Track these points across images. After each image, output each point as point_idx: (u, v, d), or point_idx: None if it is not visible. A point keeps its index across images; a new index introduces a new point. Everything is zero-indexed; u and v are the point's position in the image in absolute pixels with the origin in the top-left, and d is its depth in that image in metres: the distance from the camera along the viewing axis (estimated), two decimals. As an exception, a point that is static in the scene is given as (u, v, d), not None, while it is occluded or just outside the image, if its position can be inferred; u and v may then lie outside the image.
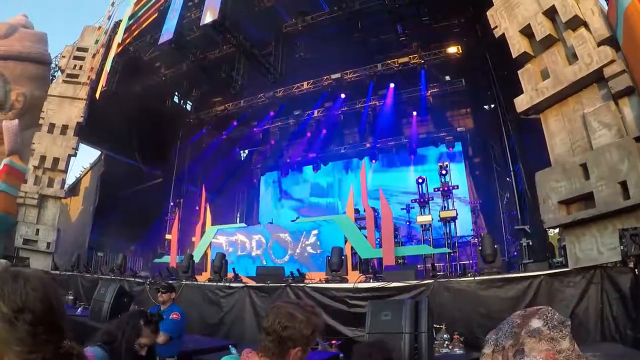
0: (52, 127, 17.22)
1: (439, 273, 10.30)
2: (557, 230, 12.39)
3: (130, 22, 18.59)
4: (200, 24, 17.41)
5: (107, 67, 17.84)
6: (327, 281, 9.92)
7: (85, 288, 13.13)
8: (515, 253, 17.68)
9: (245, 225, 19.51)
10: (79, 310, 11.16)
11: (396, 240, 16.91)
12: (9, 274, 1.31)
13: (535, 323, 1.55)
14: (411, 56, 20.89)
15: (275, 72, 21.28)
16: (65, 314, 1.44)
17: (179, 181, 27.00)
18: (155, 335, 3.77)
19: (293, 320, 2.32)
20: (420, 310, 5.52)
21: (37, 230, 16.31)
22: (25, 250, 15.95)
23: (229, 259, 13.22)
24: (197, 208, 22.40)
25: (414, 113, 23.96)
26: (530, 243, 15.54)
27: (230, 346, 5.50)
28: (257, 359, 2.32)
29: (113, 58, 18.06)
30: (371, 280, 9.73)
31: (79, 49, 18.89)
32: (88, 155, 21.89)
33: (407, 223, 21.65)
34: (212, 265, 12.25)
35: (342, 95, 23.85)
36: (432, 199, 19.19)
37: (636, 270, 6.25)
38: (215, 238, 17.68)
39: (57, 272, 14.93)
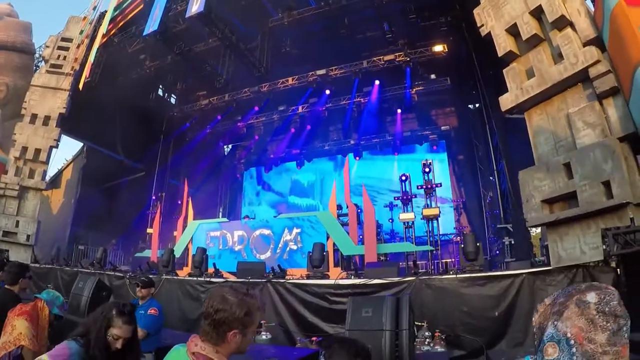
0: (34, 117, 17.01)
1: (420, 270, 10.31)
2: (539, 229, 12.49)
3: (116, 13, 18.49)
4: (186, 16, 17.35)
5: (91, 58, 17.71)
6: (308, 277, 9.87)
7: (64, 281, 12.96)
8: (498, 252, 17.76)
9: (228, 220, 19.40)
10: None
11: (378, 237, 16.93)
12: None
13: (591, 297, 1.48)
14: (397, 54, 20.91)
15: (260, 67, 21.22)
16: None
17: (161, 175, 26.85)
18: (129, 327, 3.69)
19: (225, 302, 2.32)
20: (401, 307, 5.49)
21: (17, 222, 16.11)
22: (5, 243, 15.72)
23: (210, 253, 13.15)
24: (179, 202, 22.34)
25: (399, 111, 23.97)
26: (513, 242, 15.64)
27: None
28: (200, 343, 2.31)
29: (97, 49, 17.92)
30: (353, 277, 9.71)
31: (63, 39, 18.71)
32: (70, 147, 21.79)
33: (390, 220, 21.65)
34: (192, 260, 12.19)
35: (327, 92, 23.78)
36: (415, 197, 19.23)
37: (618, 269, 6.27)
38: (197, 233, 17.61)
39: (37, 265, 14.75)
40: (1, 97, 18.34)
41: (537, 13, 7.71)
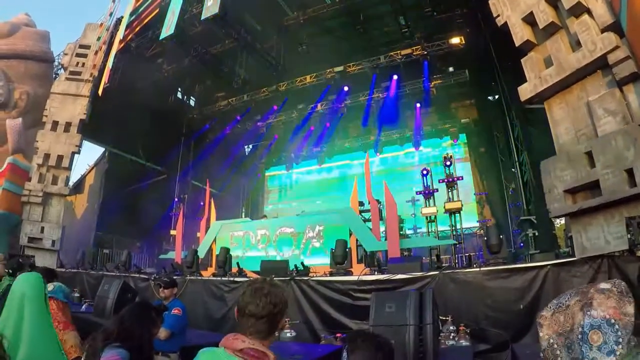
0: (55, 124, 17.23)
1: (444, 265, 10.26)
2: (563, 220, 12.37)
3: (132, 19, 18.58)
4: (202, 18, 17.40)
5: (110, 63, 17.80)
6: (331, 274, 9.86)
7: (90, 285, 13.11)
8: (522, 244, 17.65)
9: (250, 220, 19.45)
10: (84, 307, 11.14)
11: (401, 232, 16.86)
12: None
13: (604, 285, 1.63)
14: (414, 47, 20.82)
15: (277, 66, 21.25)
16: None
17: (183, 177, 27.06)
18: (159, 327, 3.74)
19: (278, 296, 2.41)
20: (425, 301, 5.46)
21: (42, 228, 16.33)
22: (31, 249, 15.97)
23: (233, 253, 13.19)
24: (202, 203, 22.45)
25: (418, 105, 23.92)
26: (537, 234, 15.50)
27: None
28: (247, 340, 2.31)
29: (115, 55, 18.01)
30: (376, 273, 9.68)
31: (81, 47, 18.92)
32: (92, 152, 21.90)
33: (412, 215, 21.59)
34: (216, 260, 12.23)
35: (346, 88, 23.78)
36: (437, 191, 19.14)
37: (644, 259, 6.18)
38: (220, 233, 17.66)
39: (63, 269, 14.91)
40: (22, 106, 18.54)
41: (553, 1, 7.61)
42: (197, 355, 2.41)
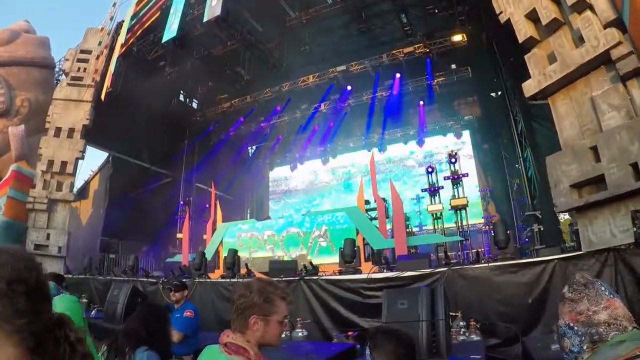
0: (58, 130, 17.24)
1: (452, 261, 10.31)
2: (567, 215, 12.41)
3: (133, 22, 18.59)
4: (204, 21, 17.43)
5: (111, 68, 17.83)
6: (340, 273, 9.91)
7: (98, 291, 13.11)
8: (527, 239, 17.68)
9: (257, 221, 19.49)
10: (93, 312, 11.18)
11: (407, 230, 16.91)
12: None
13: (565, 289, 1.71)
14: (416, 45, 20.85)
15: (280, 66, 21.30)
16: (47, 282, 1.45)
17: (188, 180, 27.09)
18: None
19: (247, 289, 2.44)
20: (436, 297, 5.51)
21: (48, 235, 16.36)
22: (37, 256, 15.72)
23: (241, 254, 13.23)
24: (207, 206, 22.45)
25: (421, 103, 23.98)
26: (542, 229, 15.53)
27: None
28: (231, 334, 2.39)
29: (117, 59, 18.03)
30: (385, 271, 9.73)
31: (82, 52, 18.92)
32: (96, 157, 21.91)
33: (418, 213, 21.64)
34: (224, 262, 12.27)
35: (349, 87, 23.82)
36: (442, 188, 19.19)
37: (650, 251, 6.24)
38: (227, 235, 17.69)
39: (70, 275, 14.91)
40: (24, 113, 18.56)
41: (556, -3, 7.68)
42: (203, 350, 2.53)
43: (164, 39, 18.09)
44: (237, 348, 2.31)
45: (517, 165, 19.60)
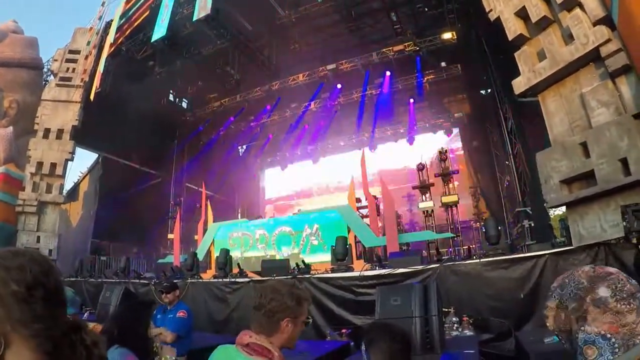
0: (47, 132, 17.15)
1: (444, 257, 10.35)
2: (557, 211, 12.48)
3: (122, 22, 18.51)
4: (193, 20, 17.39)
5: (100, 68, 17.72)
6: (333, 271, 9.94)
7: (90, 293, 13.06)
8: (517, 235, 17.75)
9: (248, 220, 19.48)
10: (86, 315, 11.11)
11: (399, 227, 16.95)
12: (7, 251, 1.31)
13: (603, 292, 1.52)
14: (406, 44, 20.87)
15: (270, 65, 21.29)
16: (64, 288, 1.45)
17: (178, 180, 27.02)
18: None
19: (277, 292, 2.45)
20: (429, 293, 5.54)
21: (38, 238, 16.28)
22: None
23: (232, 254, 13.23)
24: (198, 206, 22.39)
25: (411, 100, 24.01)
26: (532, 224, 15.59)
27: None
28: (254, 335, 2.38)
29: (106, 59, 17.93)
30: (377, 268, 9.76)
31: (71, 52, 18.82)
32: (85, 158, 21.79)
33: (409, 210, 21.70)
34: (216, 262, 12.26)
35: (339, 86, 23.81)
36: (433, 185, 19.25)
37: (639, 245, 6.29)
38: (218, 235, 17.68)
39: (61, 278, 14.81)
40: (12, 115, 18.39)
41: (545, -5, 7.74)
42: (214, 351, 2.50)
43: (153, 38, 18.02)
44: (262, 349, 2.31)
45: (507, 162, 19.66)
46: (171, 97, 27.45)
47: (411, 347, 2.80)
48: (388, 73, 22.69)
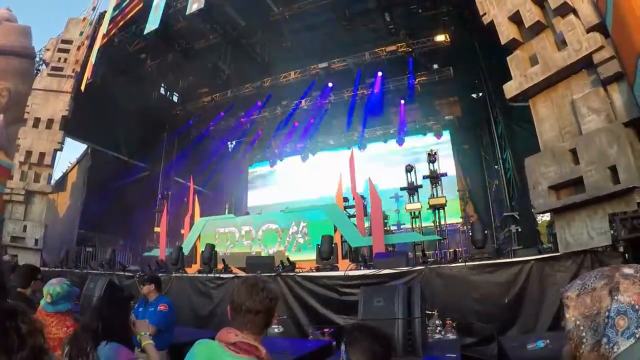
0: (37, 121, 17.00)
1: (429, 260, 10.34)
2: (546, 217, 12.49)
3: (115, 13, 18.38)
4: (186, 13, 17.32)
5: (92, 59, 17.55)
6: (317, 270, 9.91)
7: (75, 284, 12.65)
8: (503, 240, 17.79)
9: (235, 216, 19.41)
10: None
11: (385, 228, 16.95)
12: None
13: (627, 270, 1.55)
14: (399, 45, 20.88)
15: (262, 62, 21.23)
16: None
17: (166, 173, 26.90)
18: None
19: (273, 291, 2.52)
20: (413, 295, 5.53)
21: (25, 227, 16.14)
22: (13, 248, 15.73)
23: (218, 250, 13.17)
24: (186, 200, 22.32)
25: (402, 101, 24.01)
26: (519, 229, 15.64)
27: None
28: (240, 334, 2.35)
29: (98, 50, 17.81)
30: (362, 268, 9.74)
31: (63, 42, 18.66)
32: (74, 149, 21.67)
33: (396, 211, 21.70)
34: (201, 257, 12.22)
35: (330, 84, 23.79)
36: (421, 187, 19.24)
37: (626, 254, 6.29)
38: (205, 230, 17.62)
39: (47, 268, 14.77)
40: (3, 103, 18.31)
41: (540, 0, 7.71)
42: (193, 347, 2.46)
43: (146, 31, 17.90)
44: (249, 347, 2.30)
45: (496, 166, 19.75)
46: (162, 91, 27.33)
47: (392, 350, 2.76)
48: (380, 73, 22.68)
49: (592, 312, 1.53)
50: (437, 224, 18.35)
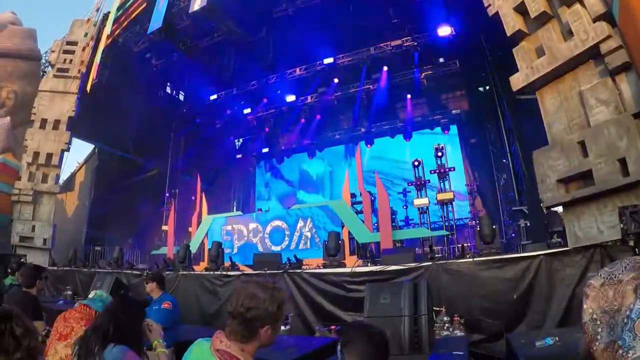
0: (44, 122, 17.15)
1: (437, 255, 10.27)
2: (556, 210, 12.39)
3: (119, 13, 18.47)
4: (190, 12, 17.30)
5: (97, 59, 17.68)
6: (324, 266, 9.88)
7: (83, 283, 13.09)
8: (513, 234, 17.69)
9: (242, 214, 19.43)
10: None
11: (393, 224, 16.87)
12: None
13: None
14: (404, 39, 20.77)
15: (266, 58, 21.19)
16: None
17: (173, 172, 26.93)
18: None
19: (255, 300, 2.33)
20: (419, 292, 5.46)
21: (33, 227, 16.28)
22: (22, 248, 15.92)
23: (226, 247, 13.17)
24: (193, 198, 22.36)
25: (409, 96, 23.89)
26: (528, 224, 15.53)
27: None
28: (226, 341, 2.30)
29: (103, 50, 17.87)
30: (369, 265, 9.69)
31: (68, 43, 18.77)
32: (82, 149, 21.76)
33: (404, 207, 21.61)
34: (209, 255, 12.21)
35: (336, 80, 23.73)
36: (429, 182, 19.14)
37: (636, 248, 6.19)
38: (212, 227, 17.62)
39: (55, 268, 14.87)
40: (10, 105, 18.42)
41: (545, -11, 7.62)
42: (192, 345, 2.46)
43: (150, 30, 17.92)
44: (231, 358, 2.24)
45: (504, 160, 19.61)
46: (168, 89, 27.38)
47: (388, 349, 2.68)
48: (385, 68, 22.59)
49: (612, 308, 1.40)
50: (445, 218, 18.24)
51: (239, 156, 30.64)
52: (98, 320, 3.44)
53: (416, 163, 19.51)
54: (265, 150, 29.92)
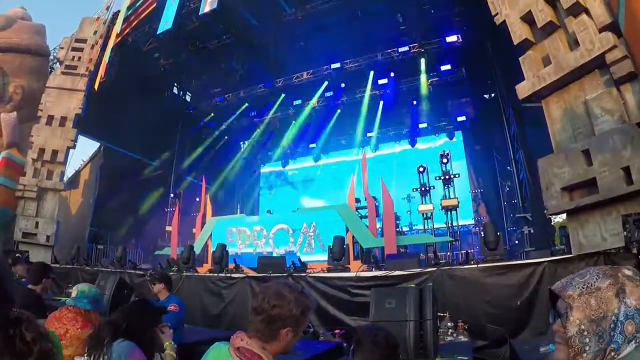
0: (50, 119, 17.09)
1: (441, 261, 10.30)
2: (557, 218, 12.42)
3: (129, 13, 18.47)
4: (200, 14, 17.38)
5: (106, 58, 17.71)
6: (329, 270, 9.89)
7: (85, 281, 12.94)
8: (517, 241, 17.71)
9: (246, 216, 19.46)
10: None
11: (397, 229, 16.91)
12: None
13: (628, 272, 1.50)
14: (411, 45, 20.88)
15: (274, 62, 21.25)
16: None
17: (178, 173, 27.00)
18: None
19: (282, 299, 2.31)
20: (424, 297, 5.49)
21: (37, 223, 16.20)
22: (25, 244, 15.81)
23: (230, 249, 13.19)
24: (198, 199, 22.43)
25: (414, 102, 23.97)
26: (532, 231, 15.55)
27: None
28: (247, 339, 2.29)
29: (112, 49, 17.93)
30: (373, 269, 9.71)
31: (77, 40, 18.73)
32: (87, 147, 21.78)
33: (408, 212, 21.64)
34: (212, 256, 12.23)
35: (342, 85, 23.82)
36: (433, 188, 19.15)
37: (639, 255, 6.23)
38: (216, 229, 17.64)
39: (57, 265, 14.84)
40: (17, 100, 18.40)
41: (552, 0, 7.66)
42: (208, 350, 2.43)
43: (159, 30, 18.00)
44: (252, 355, 2.23)
45: (508, 167, 19.64)
46: (175, 90, 27.44)
47: (398, 353, 2.73)
48: (392, 74, 22.66)
49: (598, 316, 1.45)
50: (450, 225, 18.25)
51: (244, 159, 30.68)
52: (114, 315, 3.51)
53: (421, 169, 19.52)
54: (270, 153, 29.97)
